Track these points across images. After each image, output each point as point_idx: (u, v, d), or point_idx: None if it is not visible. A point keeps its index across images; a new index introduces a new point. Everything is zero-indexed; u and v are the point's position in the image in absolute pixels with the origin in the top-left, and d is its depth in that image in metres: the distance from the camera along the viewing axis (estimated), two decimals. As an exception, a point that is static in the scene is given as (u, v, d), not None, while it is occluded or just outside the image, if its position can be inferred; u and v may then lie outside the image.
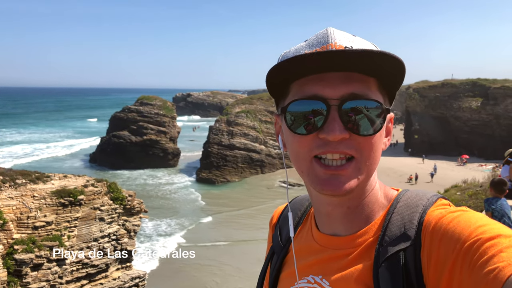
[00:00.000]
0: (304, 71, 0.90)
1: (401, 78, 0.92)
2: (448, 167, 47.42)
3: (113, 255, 17.17)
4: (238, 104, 56.71)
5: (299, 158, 0.95)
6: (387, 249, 0.91)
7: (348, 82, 0.89)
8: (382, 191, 1.04)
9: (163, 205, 35.87)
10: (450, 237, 0.82)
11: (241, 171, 48.08)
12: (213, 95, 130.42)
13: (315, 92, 0.90)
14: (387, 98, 0.97)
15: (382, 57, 0.84)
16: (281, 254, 1.17)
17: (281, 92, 0.99)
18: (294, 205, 1.25)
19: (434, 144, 55.00)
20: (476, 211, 0.89)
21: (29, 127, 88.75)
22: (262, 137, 50.98)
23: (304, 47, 0.94)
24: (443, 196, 1.01)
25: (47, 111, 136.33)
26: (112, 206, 17.53)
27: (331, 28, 0.94)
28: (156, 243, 27.22)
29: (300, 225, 1.18)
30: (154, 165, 50.86)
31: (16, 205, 14.75)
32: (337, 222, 1.02)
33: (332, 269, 0.99)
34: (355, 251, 0.97)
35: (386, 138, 1.01)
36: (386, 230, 0.94)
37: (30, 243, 14.34)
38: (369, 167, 0.93)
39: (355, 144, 0.90)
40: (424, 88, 57.89)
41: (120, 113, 55.92)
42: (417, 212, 0.94)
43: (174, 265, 23.18)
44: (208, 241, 27.87)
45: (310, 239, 1.09)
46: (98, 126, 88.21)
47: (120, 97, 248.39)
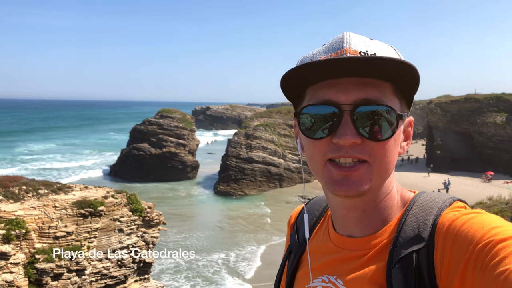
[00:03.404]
0: (318, 77, 0.92)
1: (416, 84, 0.92)
2: (472, 183, 46.17)
3: (132, 266, 17.16)
4: (256, 118, 56.77)
5: (313, 161, 0.97)
6: (401, 251, 0.92)
7: (362, 87, 0.90)
8: (399, 194, 1.05)
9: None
10: (464, 239, 0.83)
11: (259, 184, 47.86)
12: (232, 108, 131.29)
13: (328, 97, 0.92)
14: (404, 102, 0.97)
15: (394, 63, 0.85)
16: (298, 253, 1.20)
17: (297, 96, 1.01)
18: (312, 205, 1.28)
19: (457, 160, 53.73)
20: (491, 213, 0.89)
21: (51, 139, 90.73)
22: (280, 150, 50.78)
23: (320, 52, 0.96)
24: (460, 198, 1.01)
25: (70, 123, 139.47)
26: (132, 217, 17.58)
27: (348, 32, 0.96)
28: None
29: (318, 225, 1.21)
30: (173, 178, 51.11)
31: (38, 215, 14.94)
32: (352, 225, 1.04)
33: (346, 270, 1.01)
34: (370, 252, 0.98)
35: (405, 142, 1.02)
36: (400, 232, 0.96)
37: (51, 252, 14.46)
38: (383, 172, 0.94)
39: (368, 149, 0.91)
40: (446, 103, 56.88)
41: (141, 126, 56.67)
42: (432, 214, 0.95)
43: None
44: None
45: (326, 240, 1.12)
46: (118, 138, 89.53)
47: (140, 110, 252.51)
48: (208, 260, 26.08)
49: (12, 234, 13.65)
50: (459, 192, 40.93)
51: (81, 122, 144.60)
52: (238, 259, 26.48)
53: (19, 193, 15.83)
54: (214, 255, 27.00)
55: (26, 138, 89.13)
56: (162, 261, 25.25)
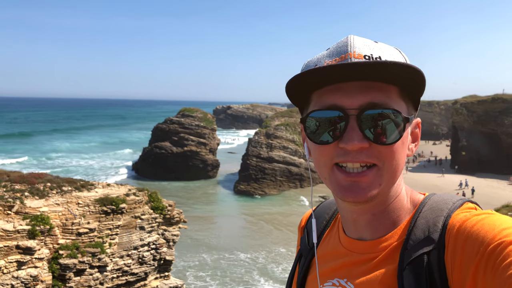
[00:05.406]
0: (323, 82, 0.92)
1: (422, 86, 0.92)
2: (499, 186, 44.83)
3: (152, 264, 17.35)
4: (277, 117, 56.68)
5: (320, 165, 0.97)
6: (411, 253, 0.92)
7: (367, 91, 0.90)
8: (409, 196, 1.04)
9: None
10: (474, 240, 0.82)
11: (279, 184, 47.72)
12: (253, 108, 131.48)
13: (333, 102, 0.92)
14: (410, 104, 0.97)
15: (399, 67, 0.85)
16: (308, 257, 1.19)
17: (303, 101, 1.01)
18: (322, 209, 1.27)
19: (483, 162, 52.23)
20: (502, 214, 0.89)
21: (76, 137, 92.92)
22: (301, 150, 50.45)
23: (325, 56, 0.96)
24: (471, 200, 1.00)
25: (94, 122, 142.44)
26: (153, 215, 17.77)
27: (352, 36, 0.95)
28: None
29: (328, 229, 1.20)
30: (194, 176, 51.53)
31: (62, 212, 15.27)
32: (362, 228, 1.03)
33: (357, 273, 1.00)
34: (380, 255, 0.98)
35: (413, 144, 1.02)
36: (410, 234, 0.95)
37: (74, 248, 14.75)
38: (391, 175, 0.94)
39: (376, 153, 0.91)
40: (472, 103, 55.36)
41: (163, 124, 57.33)
42: (442, 215, 0.94)
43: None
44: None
45: (337, 243, 1.11)
46: (141, 137, 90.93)
47: (163, 109, 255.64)
48: (234, 260, 26.10)
49: (37, 229, 13.98)
50: (485, 194, 39.81)
51: (105, 121, 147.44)
52: (267, 260, 26.33)
53: (44, 190, 16.21)
54: (240, 254, 27.00)
55: (51, 137, 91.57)
56: (186, 258, 25.47)
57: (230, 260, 25.98)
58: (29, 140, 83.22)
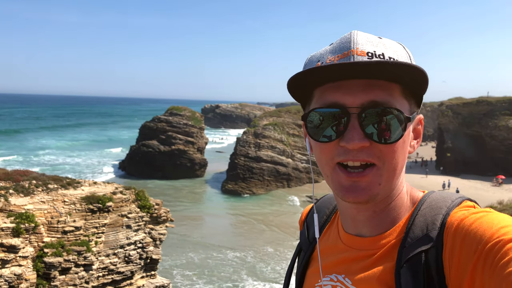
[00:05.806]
0: (325, 79, 0.91)
1: (425, 84, 0.91)
2: (482, 187, 45.62)
3: (138, 262, 17.25)
4: (266, 117, 56.74)
5: (322, 163, 0.97)
6: (409, 251, 0.92)
7: (369, 89, 0.89)
8: (409, 194, 1.04)
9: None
10: (472, 238, 0.82)
11: (267, 184, 47.81)
12: (241, 107, 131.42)
13: (335, 100, 0.91)
14: (413, 102, 0.96)
15: (402, 67, 0.84)
16: (307, 251, 1.20)
17: (305, 97, 1.01)
18: (323, 203, 1.27)
19: (468, 163, 53.09)
20: (500, 212, 0.88)
21: (62, 134, 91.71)
22: (289, 150, 50.68)
23: (328, 52, 0.95)
24: (470, 198, 1.00)
25: (81, 119, 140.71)
26: (139, 214, 17.66)
27: (356, 31, 0.94)
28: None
29: (328, 224, 1.21)
30: (181, 175, 51.30)
31: (47, 209, 15.08)
32: (361, 224, 1.03)
33: (355, 269, 1.01)
34: (378, 252, 0.98)
35: (415, 140, 1.01)
36: (409, 232, 0.96)
37: (59, 247, 14.59)
38: (392, 173, 0.94)
39: (377, 152, 0.90)
40: (458, 105, 56.28)
41: (150, 123, 56.94)
42: (440, 213, 0.94)
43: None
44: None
45: (336, 238, 1.11)
46: (129, 135, 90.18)
47: (150, 107, 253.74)
48: (221, 259, 26.05)
49: (21, 227, 13.79)
50: (469, 195, 39.90)
51: (92, 119, 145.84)
52: (256, 260, 26.31)
53: (29, 187, 16.00)
54: (228, 254, 26.94)
55: (37, 134, 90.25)
56: (173, 257, 25.35)
57: (217, 259, 25.93)
58: (15, 138, 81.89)
